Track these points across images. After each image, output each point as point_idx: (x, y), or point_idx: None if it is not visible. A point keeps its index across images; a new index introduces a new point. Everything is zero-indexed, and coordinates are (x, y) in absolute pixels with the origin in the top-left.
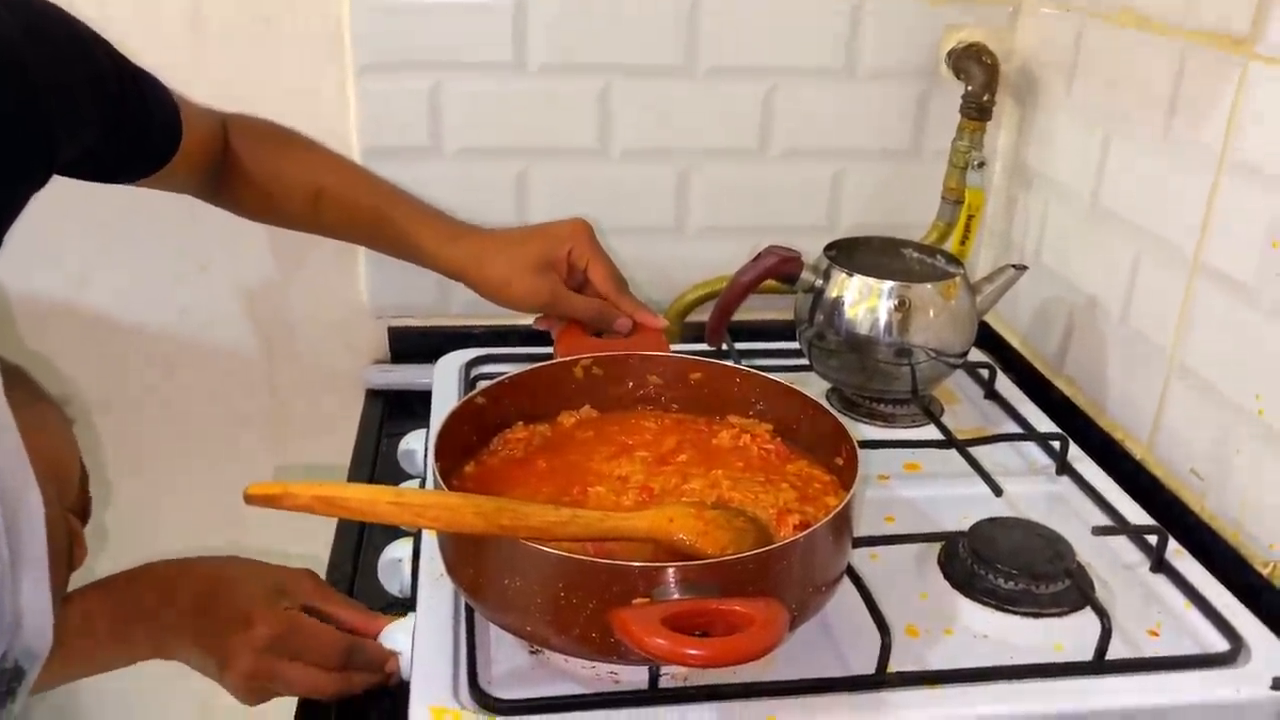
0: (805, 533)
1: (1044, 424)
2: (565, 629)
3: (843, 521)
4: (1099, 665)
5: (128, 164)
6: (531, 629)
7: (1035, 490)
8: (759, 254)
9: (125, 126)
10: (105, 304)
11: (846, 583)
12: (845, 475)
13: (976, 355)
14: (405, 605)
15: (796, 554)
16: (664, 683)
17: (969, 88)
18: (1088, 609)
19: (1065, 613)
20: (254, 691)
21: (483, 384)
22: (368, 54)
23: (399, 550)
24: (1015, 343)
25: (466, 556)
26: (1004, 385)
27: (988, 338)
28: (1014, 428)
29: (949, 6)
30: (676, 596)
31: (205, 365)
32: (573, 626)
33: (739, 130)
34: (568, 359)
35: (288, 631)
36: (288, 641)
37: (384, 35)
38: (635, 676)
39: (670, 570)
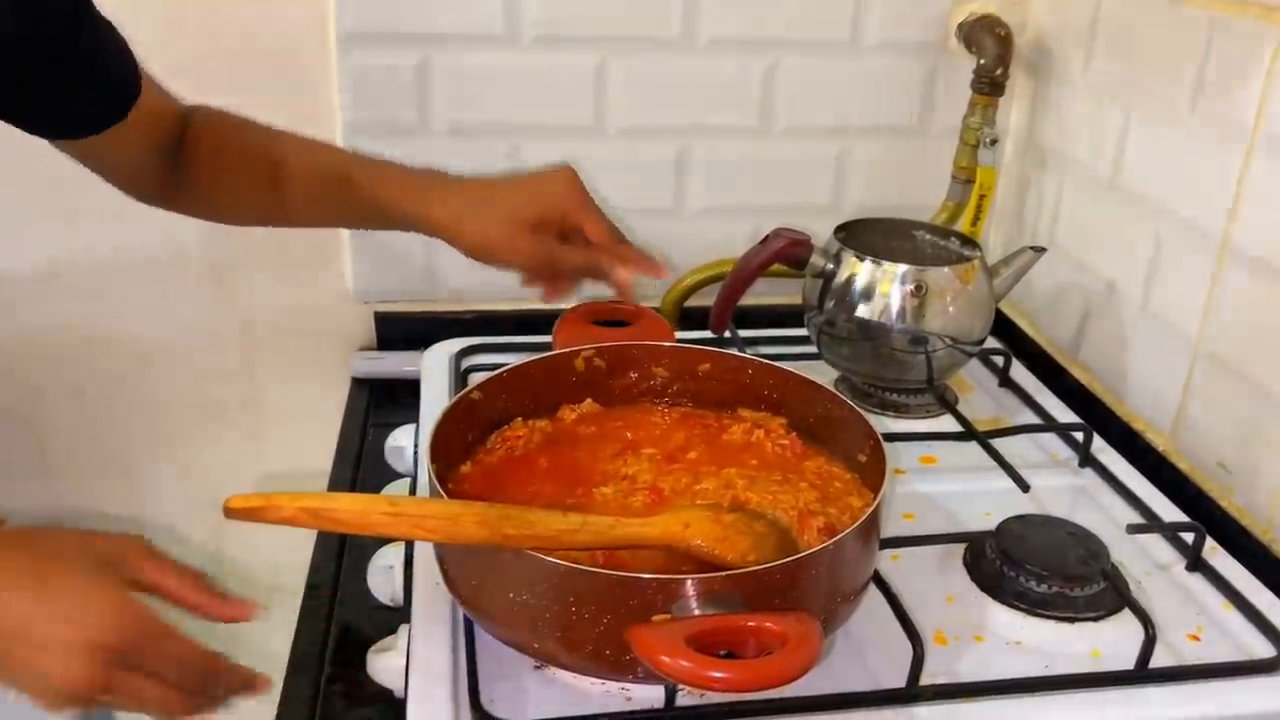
0: (834, 539)
1: (1063, 414)
2: (576, 646)
3: (872, 525)
4: (1142, 674)
5: (81, 112)
6: (539, 646)
7: (1058, 484)
8: (766, 237)
9: (81, 71)
10: (78, 290)
11: (871, 587)
12: (869, 473)
13: (989, 342)
14: (398, 615)
15: (825, 562)
16: (681, 700)
17: (981, 61)
18: (1125, 612)
19: (1101, 616)
20: (72, 701)
21: (475, 376)
22: (352, 25)
23: (390, 557)
24: (1027, 328)
25: (466, 568)
26: (1019, 373)
27: (998, 323)
28: (1031, 417)
29: None
30: (697, 611)
31: (182, 353)
32: (585, 644)
33: (740, 106)
34: (568, 350)
35: (139, 639)
36: (140, 652)
37: (369, 5)
38: (650, 694)
39: (690, 583)
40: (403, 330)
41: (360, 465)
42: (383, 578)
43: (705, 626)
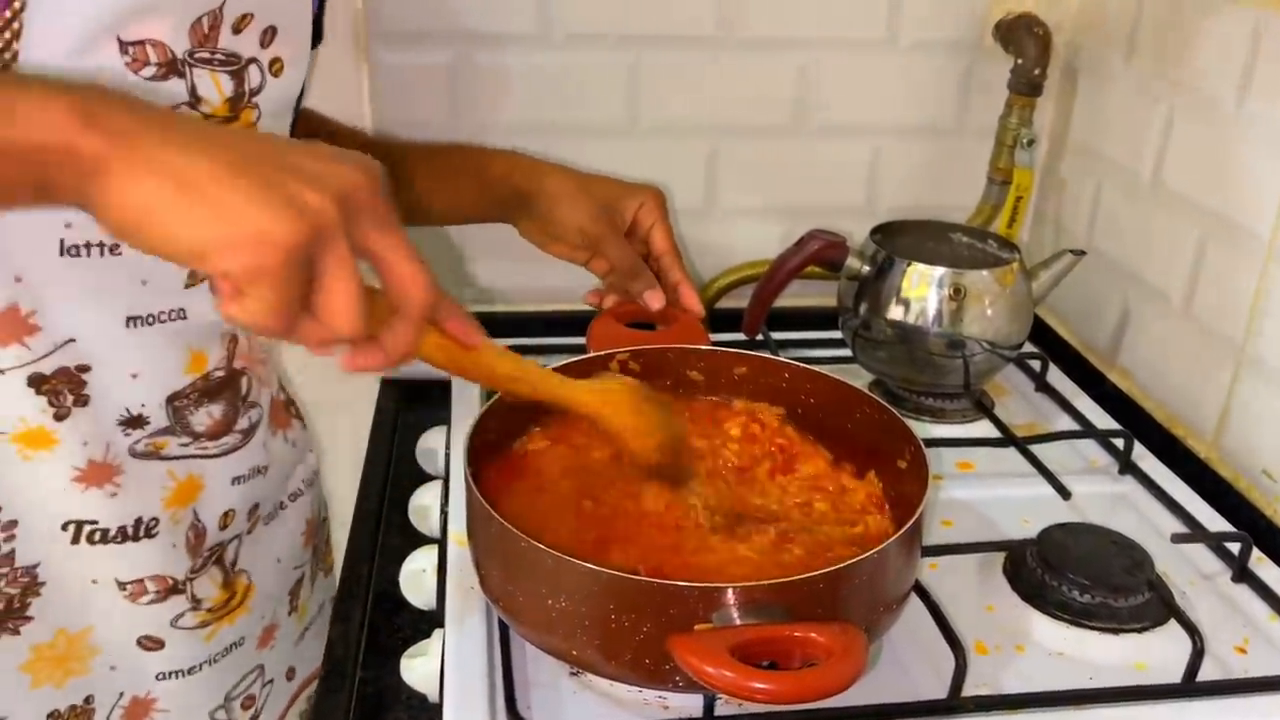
0: (878, 549)
1: (1101, 420)
2: (615, 654)
3: (915, 533)
4: (1190, 687)
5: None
6: (577, 653)
7: (1098, 491)
8: (802, 239)
9: None
10: None
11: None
12: (909, 480)
13: (1026, 346)
14: (432, 619)
15: (868, 571)
16: (720, 710)
17: (1019, 61)
18: (1171, 623)
19: (1146, 628)
20: (310, 229)
21: None
22: (382, 23)
23: (422, 560)
24: (1064, 332)
25: (504, 573)
26: (1056, 377)
27: (1035, 327)
28: (1069, 423)
29: None
30: (738, 621)
31: None
32: (624, 652)
33: (773, 105)
34: (603, 353)
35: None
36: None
37: (400, 4)
38: (688, 703)
39: (731, 592)
40: None
41: (391, 466)
42: (415, 581)
43: (748, 636)
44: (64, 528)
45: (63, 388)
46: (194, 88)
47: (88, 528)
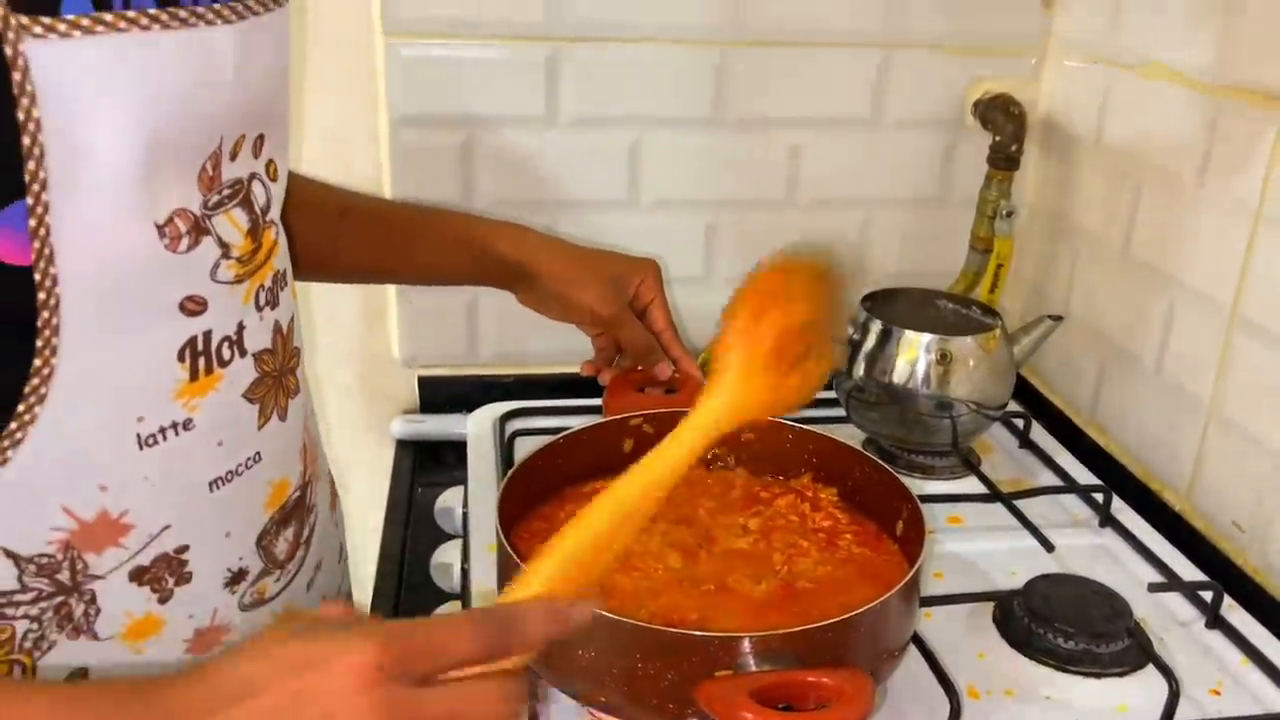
0: (880, 599)
1: (1082, 475)
2: (641, 700)
3: (914, 585)
4: None
5: None
6: (605, 699)
7: (1080, 543)
8: None
9: None
10: None
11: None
12: (907, 538)
13: (1010, 405)
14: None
15: (870, 622)
16: None
17: (997, 138)
18: (1149, 668)
19: (1126, 672)
20: None
21: (522, 440)
22: (402, 106)
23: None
24: (1045, 391)
25: None
26: (1039, 435)
27: (1017, 386)
28: (1052, 478)
29: (974, 58)
30: (754, 668)
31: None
32: (649, 697)
33: (767, 180)
34: (619, 417)
35: (406, 644)
36: (410, 657)
37: (418, 88)
38: None
39: (747, 641)
40: (445, 393)
41: (409, 526)
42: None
43: (766, 681)
44: None
45: (163, 573)
46: (219, 238)
47: None
